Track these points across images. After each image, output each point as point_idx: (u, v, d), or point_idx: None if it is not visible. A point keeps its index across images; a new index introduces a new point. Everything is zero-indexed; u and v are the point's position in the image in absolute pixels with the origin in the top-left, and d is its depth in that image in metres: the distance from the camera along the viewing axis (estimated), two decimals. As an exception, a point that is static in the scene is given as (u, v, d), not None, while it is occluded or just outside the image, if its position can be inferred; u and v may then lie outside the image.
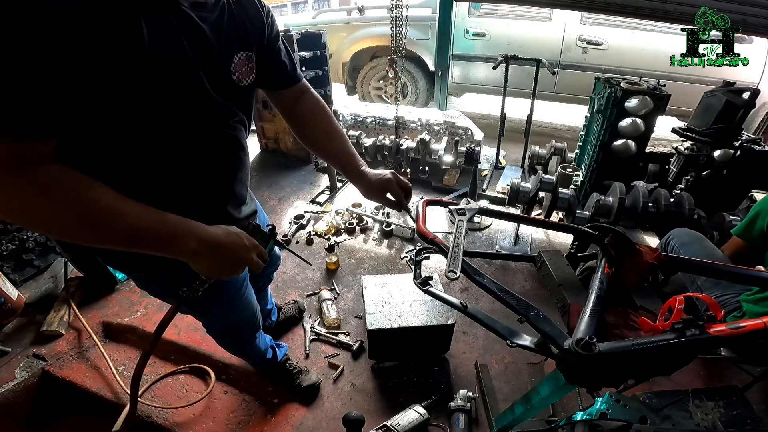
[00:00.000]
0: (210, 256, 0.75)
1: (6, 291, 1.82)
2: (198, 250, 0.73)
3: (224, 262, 0.78)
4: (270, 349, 1.55)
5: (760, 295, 1.33)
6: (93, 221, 0.64)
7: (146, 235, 0.68)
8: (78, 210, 0.62)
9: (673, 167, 2.64)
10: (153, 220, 0.68)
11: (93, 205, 0.63)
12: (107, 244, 0.68)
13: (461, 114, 3.49)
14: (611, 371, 0.81)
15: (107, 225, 0.64)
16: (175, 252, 0.72)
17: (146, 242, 0.69)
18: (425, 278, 1.10)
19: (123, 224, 0.65)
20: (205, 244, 0.74)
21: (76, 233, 0.64)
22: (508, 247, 2.54)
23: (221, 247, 0.76)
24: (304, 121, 1.10)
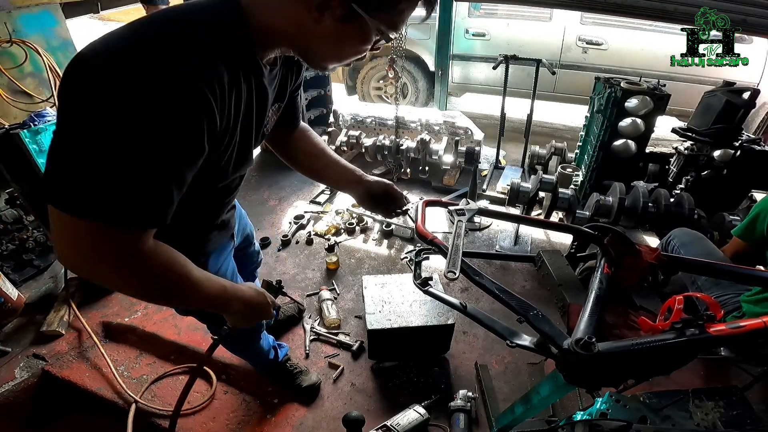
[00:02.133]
0: (244, 313, 0.90)
1: (6, 291, 1.82)
2: (238, 310, 0.88)
3: (251, 317, 0.93)
4: (272, 349, 1.55)
5: (761, 295, 1.33)
6: (182, 295, 0.77)
7: (210, 302, 0.82)
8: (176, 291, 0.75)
9: (673, 167, 2.64)
10: (217, 289, 0.81)
11: (185, 284, 0.74)
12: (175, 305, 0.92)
13: (461, 114, 3.49)
14: (611, 371, 0.81)
15: (190, 296, 0.77)
16: (223, 311, 0.88)
17: (207, 305, 0.84)
18: (425, 278, 1.10)
19: (199, 295, 0.78)
20: (245, 304, 0.89)
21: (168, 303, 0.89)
22: (508, 247, 2.54)
23: (253, 306, 0.91)
24: (303, 160, 1.17)
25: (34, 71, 2.96)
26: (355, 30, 0.67)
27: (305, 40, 0.71)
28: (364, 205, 1.20)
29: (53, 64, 2.95)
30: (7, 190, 2.15)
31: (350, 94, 5.30)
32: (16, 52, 2.83)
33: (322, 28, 0.66)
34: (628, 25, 3.86)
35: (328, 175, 1.19)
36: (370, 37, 0.70)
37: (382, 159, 3.25)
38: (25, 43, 2.81)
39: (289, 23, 0.68)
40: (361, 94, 5.06)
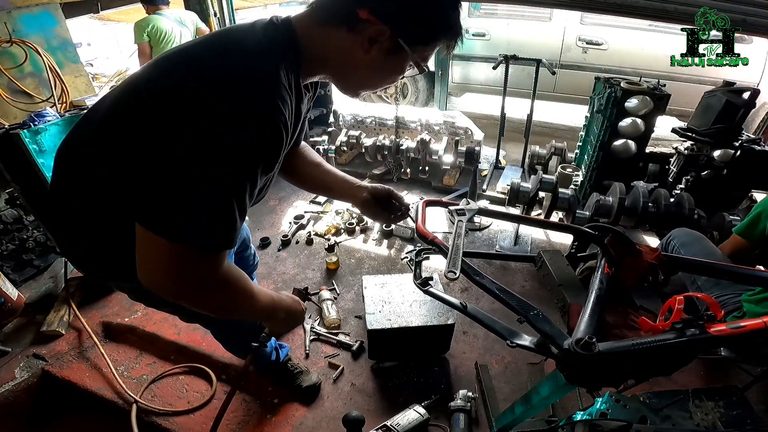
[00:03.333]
0: (286, 320, 0.98)
1: (6, 291, 1.82)
2: (281, 318, 0.96)
3: (290, 324, 1.02)
4: (274, 350, 1.55)
5: (761, 295, 1.32)
6: (245, 309, 0.85)
7: (262, 313, 0.90)
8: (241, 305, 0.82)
9: (673, 167, 2.64)
10: (267, 301, 0.89)
11: (248, 299, 0.82)
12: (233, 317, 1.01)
13: (461, 114, 3.49)
14: (611, 371, 0.81)
15: (250, 310, 0.85)
16: (268, 320, 0.97)
17: (258, 316, 0.94)
18: (425, 278, 1.10)
19: (257, 308, 0.86)
20: (287, 312, 0.97)
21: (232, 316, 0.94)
22: (508, 247, 2.54)
23: (293, 314, 1.00)
24: (303, 173, 1.18)
25: (34, 71, 2.96)
26: (396, 61, 0.76)
27: (350, 70, 0.78)
28: (366, 212, 1.19)
29: (53, 64, 2.95)
30: (7, 190, 2.15)
31: (350, 94, 5.30)
32: (16, 52, 2.83)
33: (368, 58, 0.74)
34: (628, 25, 3.87)
35: (329, 185, 1.20)
36: (405, 68, 0.79)
37: (382, 159, 3.25)
38: (25, 43, 2.81)
39: (339, 53, 0.75)
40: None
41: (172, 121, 0.62)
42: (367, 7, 0.68)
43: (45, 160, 1.81)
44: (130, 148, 0.67)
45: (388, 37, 0.71)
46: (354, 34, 0.71)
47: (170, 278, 0.68)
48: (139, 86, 0.70)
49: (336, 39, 0.73)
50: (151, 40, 3.34)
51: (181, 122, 0.61)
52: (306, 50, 0.75)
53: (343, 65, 0.78)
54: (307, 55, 0.75)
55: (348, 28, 0.71)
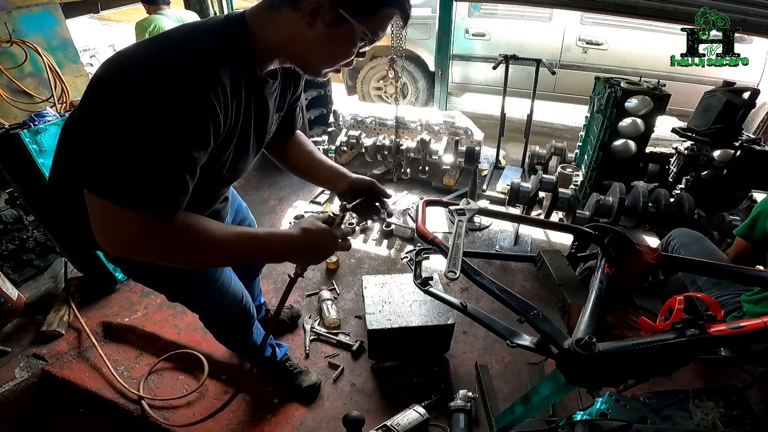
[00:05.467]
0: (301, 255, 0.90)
1: (6, 291, 1.82)
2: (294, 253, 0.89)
3: (315, 256, 0.92)
4: (269, 346, 1.55)
5: (761, 295, 1.33)
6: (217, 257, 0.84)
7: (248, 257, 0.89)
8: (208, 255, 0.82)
9: (673, 167, 2.64)
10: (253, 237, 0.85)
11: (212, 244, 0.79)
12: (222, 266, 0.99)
13: (461, 114, 3.49)
14: (611, 371, 0.81)
15: (221, 255, 0.83)
16: (274, 260, 0.98)
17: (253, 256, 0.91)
18: (425, 278, 1.10)
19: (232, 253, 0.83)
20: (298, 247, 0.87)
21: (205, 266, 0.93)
22: (508, 247, 2.54)
23: (308, 247, 0.88)
24: (294, 160, 1.21)
25: (34, 71, 2.95)
26: (342, 34, 0.77)
27: (300, 48, 0.81)
28: (347, 200, 1.17)
29: (53, 64, 2.95)
30: (7, 190, 2.15)
31: (350, 94, 5.30)
32: (16, 52, 2.83)
33: (314, 33, 0.76)
34: (628, 25, 3.86)
35: (316, 173, 1.21)
36: (355, 41, 0.79)
37: (382, 159, 3.24)
38: (25, 43, 2.81)
39: (286, 33, 0.78)
40: (361, 94, 5.06)
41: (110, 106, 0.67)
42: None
43: (45, 160, 1.81)
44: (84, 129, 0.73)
45: (327, 8, 0.73)
46: (297, 11, 0.74)
47: (118, 239, 0.72)
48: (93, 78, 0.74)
49: (283, 20, 0.77)
50: (151, 40, 3.33)
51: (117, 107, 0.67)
52: (258, 39, 0.79)
53: (294, 45, 0.80)
54: (259, 44, 0.79)
55: (292, 7, 0.75)
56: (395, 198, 3.07)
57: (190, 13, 3.63)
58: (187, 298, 1.23)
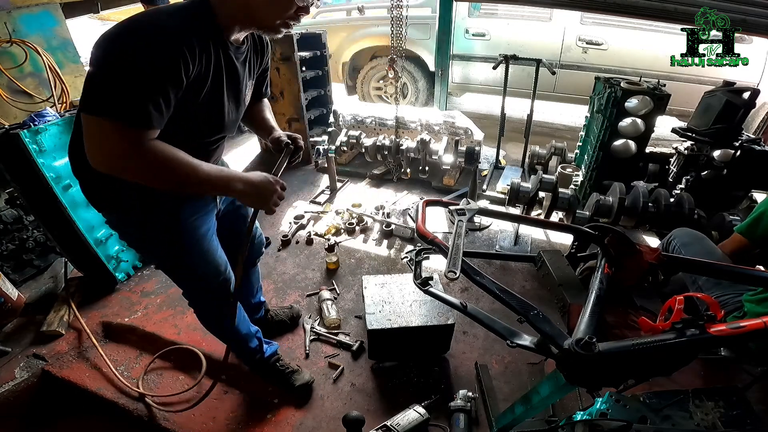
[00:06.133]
0: (250, 193, 1.07)
1: (6, 291, 1.82)
2: (243, 190, 1.05)
3: (257, 199, 1.09)
4: (255, 339, 1.56)
5: (763, 295, 1.32)
6: (185, 176, 0.96)
7: (212, 181, 1.01)
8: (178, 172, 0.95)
9: (673, 167, 2.64)
10: (215, 171, 1.01)
11: (184, 167, 0.95)
12: (187, 189, 1.05)
13: (461, 114, 3.49)
14: (611, 371, 0.81)
15: (189, 176, 0.96)
16: (229, 191, 1.06)
17: (211, 186, 1.02)
18: (425, 278, 1.10)
19: (199, 175, 0.98)
20: (247, 185, 1.06)
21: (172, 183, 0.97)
22: (508, 247, 2.54)
23: (256, 186, 1.07)
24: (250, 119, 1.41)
25: (34, 71, 2.95)
26: None
27: (250, 10, 0.98)
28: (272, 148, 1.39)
29: (53, 64, 2.95)
30: (7, 190, 2.15)
31: (350, 94, 5.30)
32: (16, 52, 2.83)
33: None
34: (628, 25, 3.86)
35: (257, 125, 1.42)
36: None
37: (382, 159, 3.25)
38: (25, 43, 2.81)
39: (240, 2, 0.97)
40: (361, 94, 5.07)
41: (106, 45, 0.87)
42: None
43: (45, 160, 1.81)
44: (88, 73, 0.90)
45: None
46: None
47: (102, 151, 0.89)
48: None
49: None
50: (151, 40, 3.33)
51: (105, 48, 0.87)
52: (219, 11, 0.98)
53: (244, 8, 0.98)
54: (222, 14, 0.98)
55: None
56: (395, 198, 3.07)
57: (190, 13, 3.63)
58: (171, 262, 1.29)
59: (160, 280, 2.22)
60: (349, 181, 3.34)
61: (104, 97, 0.85)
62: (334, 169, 3.12)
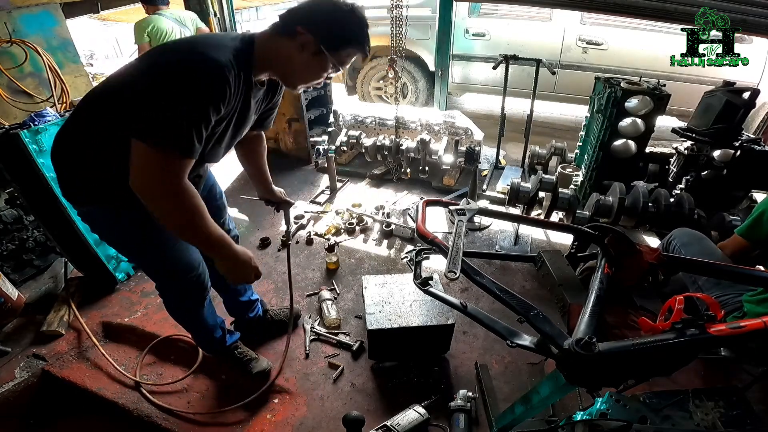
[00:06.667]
0: (230, 265, 1.15)
1: (6, 291, 1.82)
2: (228, 258, 1.13)
3: (235, 272, 1.17)
4: (219, 329, 1.60)
5: (763, 295, 1.32)
6: (198, 224, 1.04)
7: (212, 242, 1.08)
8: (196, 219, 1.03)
9: (673, 167, 2.64)
10: (218, 234, 1.09)
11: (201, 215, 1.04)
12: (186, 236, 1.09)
13: (461, 114, 3.49)
14: (611, 371, 0.81)
15: (202, 228, 1.05)
16: (217, 255, 1.12)
17: (208, 245, 1.09)
18: (425, 278, 1.10)
19: (207, 230, 1.06)
20: (232, 257, 1.14)
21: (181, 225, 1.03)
22: (508, 247, 2.54)
23: (238, 261, 1.16)
24: (245, 154, 1.53)
25: (34, 71, 2.96)
26: (319, 62, 1.11)
27: (288, 67, 1.13)
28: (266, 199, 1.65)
29: (53, 64, 2.95)
30: (7, 190, 2.15)
31: (350, 94, 5.30)
32: (16, 52, 2.83)
33: (300, 58, 1.10)
34: (628, 25, 3.86)
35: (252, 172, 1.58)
36: (327, 68, 1.13)
37: (382, 159, 3.25)
38: (25, 43, 2.81)
39: (281, 55, 1.11)
40: (361, 94, 5.06)
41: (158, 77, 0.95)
42: (302, 24, 1.06)
43: (45, 160, 1.81)
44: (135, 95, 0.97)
45: (313, 43, 1.07)
46: (292, 41, 1.08)
47: (147, 175, 0.95)
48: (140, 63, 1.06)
49: (280, 45, 1.10)
50: (151, 41, 3.33)
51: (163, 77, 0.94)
52: (258, 54, 1.09)
53: (284, 64, 1.12)
54: (259, 57, 1.09)
55: (289, 38, 1.08)
56: (395, 198, 3.07)
57: (190, 13, 3.63)
58: (144, 257, 1.32)
59: (160, 280, 2.22)
60: (349, 181, 3.34)
61: (160, 127, 0.93)
62: (334, 169, 3.12)
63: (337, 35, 1.09)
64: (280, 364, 1.72)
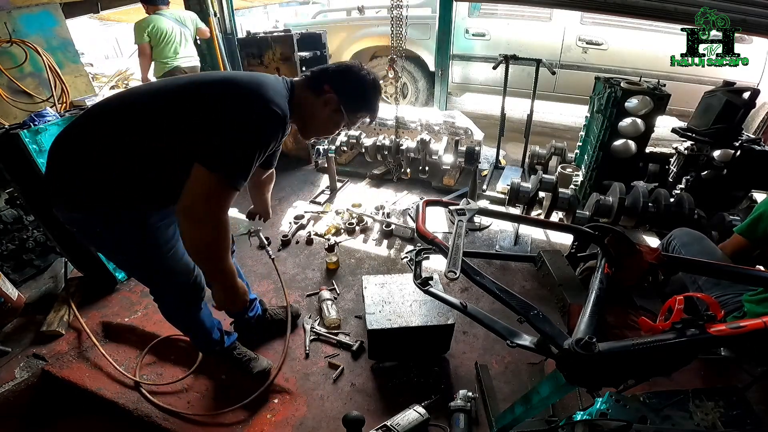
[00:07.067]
0: (227, 294, 1.22)
1: (6, 291, 1.82)
2: (228, 289, 1.21)
3: (229, 301, 1.23)
4: (217, 330, 1.60)
5: (763, 295, 1.32)
6: (221, 254, 1.12)
7: (224, 272, 1.16)
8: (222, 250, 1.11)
9: (673, 167, 2.64)
10: (231, 267, 1.18)
11: (226, 248, 1.12)
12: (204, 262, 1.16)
13: (461, 114, 3.49)
14: (611, 371, 0.81)
15: (221, 258, 1.12)
16: (221, 284, 1.19)
17: (220, 274, 1.16)
18: (425, 278, 1.10)
19: (224, 261, 1.14)
20: (233, 289, 1.21)
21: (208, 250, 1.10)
22: (508, 247, 2.54)
23: (237, 293, 1.23)
24: (254, 186, 1.65)
25: (34, 71, 2.96)
26: (335, 120, 1.27)
27: (309, 119, 1.28)
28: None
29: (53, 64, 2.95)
30: (7, 190, 2.15)
31: (350, 94, 5.29)
32: (16, 52, 2.83)
33: (322, 112, 1.26)
34: (628, 25, 3.86)
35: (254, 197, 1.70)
36: (340, 126, 1.30)
37: (382, 159, 3.25)
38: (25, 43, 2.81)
39: (308, 107, 1.25)
40: (361, 94, 5.06)
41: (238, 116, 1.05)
42: (329, 84, 1.23)
43: (45, 160, 1.80)
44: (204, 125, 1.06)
45: (336, 102, 1.23)
46: (318, 97, 1.24)
47: (202, 198, 1.02)
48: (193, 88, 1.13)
49: (308, 98, 1.24)
50: (151, 40, 3.34)
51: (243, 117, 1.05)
52: (296, 101, 1.22)
53: (307, 116, 1.27)
54: (295, 103, 1.21)
55: (316, 93, 1.24)
56: (395, 198, 3.07)
57: (190, 13, 3.63)
58: (139, 266, 1.33)
59: (160, 280, 2.22)
60: (349, 181, 3.34)
61: (225, 160, 1.02)
62: (334, 169, 3.12)
63: (357, 99, 1.26)
64: (279, 364, 1.72)
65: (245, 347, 1.73)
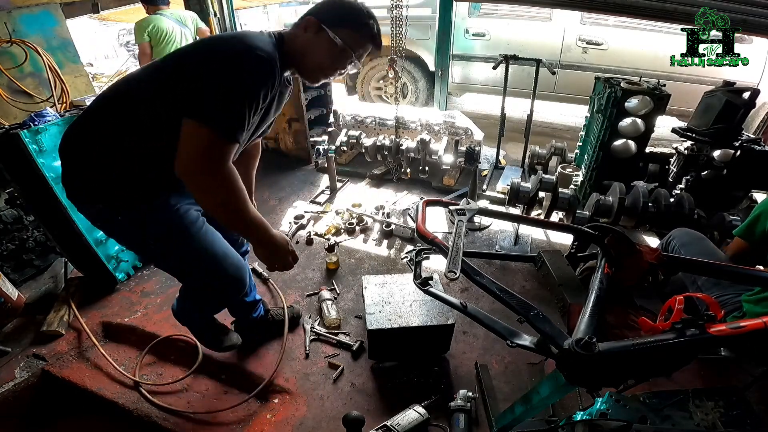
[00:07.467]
0: (269, 250, 1.17)
1: (6, 291, 1.82)
2: (266, 242, 1.15)
3: (273, 257, 1.19)
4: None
5: (761, 295, 1.32)
6: (241, 208, 1.06)
7: (252, 224, 1.10)
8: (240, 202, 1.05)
9: (673, 167, 2.64)
10: (258, 217, 1.12)
11: (244, 198, 1.06)
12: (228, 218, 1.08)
13: (461, 114, 3.49)
14: (611, 371, 0.81)
15: (241, 210, 1.07)
16: (255, 239, 1.14)
17: (248, 228, 1.11)
18: (425, 278, 1.10)
19: (247, 212, 1.08)
20: (271, 242, 1.16)
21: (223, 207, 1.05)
22: (508, 247, 2.54)
23: (277, 246, 1.18)
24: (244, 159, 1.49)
25: (34, 71, 2.96)
26: (323, 42, 1.16)
27: (301, 55, 1.19)
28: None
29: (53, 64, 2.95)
30: (7, 190, 2.15)
31: (350, 94, 5.30)
32: (16, 52, 2.83)
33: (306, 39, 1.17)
34: (628, 25, 3.86)
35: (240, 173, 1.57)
36: (335, 51, 1.17)
37: (382, 159, 3.24)
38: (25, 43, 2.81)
39: (296, 46, 1.18)
40: (361, 94, 5.06)
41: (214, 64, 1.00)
42: (310, 14, 1.18)
43: (45, 160, 1.81)
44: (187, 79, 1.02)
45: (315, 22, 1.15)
46: (303, 31, 1.17)
47: (195, 151, 0.97)
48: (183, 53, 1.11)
49: (296, 37, 1.19)
50: (152, 40, 3.34)
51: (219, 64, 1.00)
52: (286, 47, 1.17)
53: (300, 53, 1.18)
54: (287, 50, 1.16)
55: (300, 28, 1.18)
56: (395, 198, 3.07)
57: (190, 13, 3.63)
58: (169, 254, 1.29)
59: (160, 280, 2.22)
60: (349, 181, 3.34)
61: (212, 109, 0.97)
62: (334, 169, 3.12)
63: (337, 12, 1.17)
64: (277, 364, 1.72)
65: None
